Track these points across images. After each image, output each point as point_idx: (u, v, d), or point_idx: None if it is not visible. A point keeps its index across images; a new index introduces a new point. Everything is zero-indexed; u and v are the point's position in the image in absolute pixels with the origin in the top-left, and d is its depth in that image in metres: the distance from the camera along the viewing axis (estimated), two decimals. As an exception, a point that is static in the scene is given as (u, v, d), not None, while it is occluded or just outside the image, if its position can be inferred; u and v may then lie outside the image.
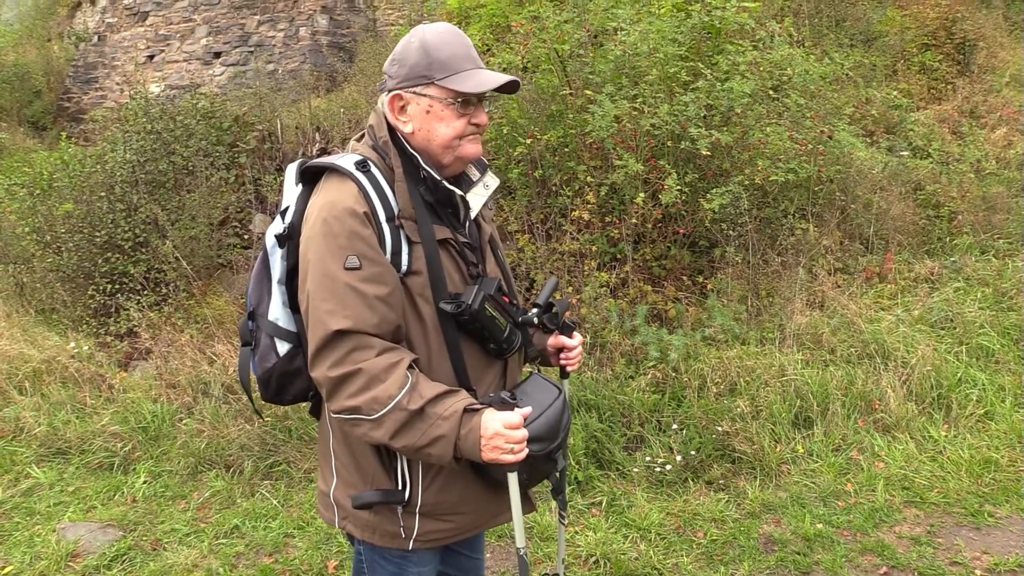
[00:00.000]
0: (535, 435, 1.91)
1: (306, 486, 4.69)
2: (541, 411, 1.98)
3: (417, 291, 1.92)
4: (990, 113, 9.09)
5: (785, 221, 6.03)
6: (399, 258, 1.90)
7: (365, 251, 1.85)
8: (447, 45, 1.96)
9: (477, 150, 2.03)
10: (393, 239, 1.90)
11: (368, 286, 1.83)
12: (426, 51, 1.96)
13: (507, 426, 1.80)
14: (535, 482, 2.08)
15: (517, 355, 2.15)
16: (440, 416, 1.80)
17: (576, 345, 2.30)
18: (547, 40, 6.31)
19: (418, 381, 1.83)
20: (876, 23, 10.28)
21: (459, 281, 1.98)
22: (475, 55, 1.99)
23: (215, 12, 13.22)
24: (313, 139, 7.90)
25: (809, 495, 4.38)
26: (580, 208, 5.64)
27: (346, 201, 1.87)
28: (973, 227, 6.93)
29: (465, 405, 1.82)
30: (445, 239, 1.98)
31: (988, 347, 5.46)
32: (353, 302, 1.82)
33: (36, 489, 4.86)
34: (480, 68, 1.97)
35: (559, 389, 2.08)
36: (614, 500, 4.38)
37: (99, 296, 6.60)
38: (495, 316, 1.96)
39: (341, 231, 1.85)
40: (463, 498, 2.01)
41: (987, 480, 4.44)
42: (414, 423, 1.80)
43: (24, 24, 20.57)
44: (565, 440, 2.09)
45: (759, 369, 5.00)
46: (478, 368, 2.02)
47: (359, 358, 1.81)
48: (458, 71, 1.94)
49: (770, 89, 6.23)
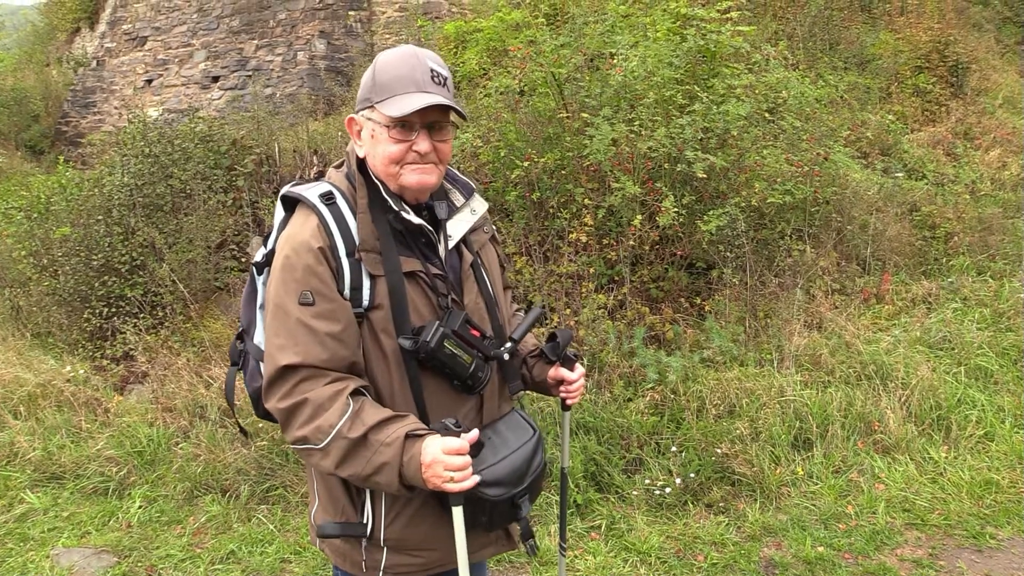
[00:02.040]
0: (495, 479, 1.87)
1: (303, 511, 4.65)
2: (507, 453, 1.93)
3: (380, 326, 1.87)
4: (984, 134, 9.17)
5: (782, 242, 6.05)
6: (359, 293, 1.85)
7: (319, 287, 1.82)
8: (393, 68, 1.89)
9: (425, 181, 1.91)
10: (352, 274, 1.85)
11: (319, 322, 1.80)
12: (374, 73, 1.92)
13: (447, 452, 1.71)
14: (498, 525, 1.98)
15: (497, 390, 2.07)
16: (383, 443, 1.75)
17: (576, 378, 2.20)
18: (544, 64, 6.36)
19: (361, 408, 1.78)
20: (869, 46, 10.38)
21: (428, 314, 1.91)
22: (422, 78, 1.87)
23: (213, 37, 13.31)
24: (311, 162, 7.92)
25: (810, 518, 4.35)
26: (578, 230, 5.65)
27: (304, 235, 1.85)
28: (970, 248, 6.96)
29: (407, 431, 1.76)
30: (413, 271, 1.91)
31: (987, 368, 5.46)
32: (304, 338, 1.80)
33: (30, 514, 4.81)
34: (422, 92, 1.85)
35: (534, 431, 2.03)
36: (614, 523, 4.34)
37: (95, 319, 6.57)
38: (456, 353, 1.86)
39: (298, 265, 1.83)
40: (433, 534, 1.95)
41: (988, 502, 4.42)
42: (358, 451, 1.76)
43: (23, 49, 20.73)
44: (536, 484, 2.00)
45: (758, 391, 4.99)
46: (446, 404, 1.95)
47: (306, 388, 1.79)
48: (395, 94, 1.85)
49: (765, 112, 6.27)
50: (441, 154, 1.93)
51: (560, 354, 2.16)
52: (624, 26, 6.74)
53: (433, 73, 1.88)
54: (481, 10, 10.55)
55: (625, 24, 6.80)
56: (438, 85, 1.88)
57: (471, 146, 6.26)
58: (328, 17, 12.23)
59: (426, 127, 1.89)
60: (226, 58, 13.02)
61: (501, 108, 6.71)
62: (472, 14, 10.58)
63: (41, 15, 21.04)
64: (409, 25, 11.29)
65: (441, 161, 1.94)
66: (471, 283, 2.04)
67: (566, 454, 2.50)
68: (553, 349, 2.16)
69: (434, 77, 1.87)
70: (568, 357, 2.18)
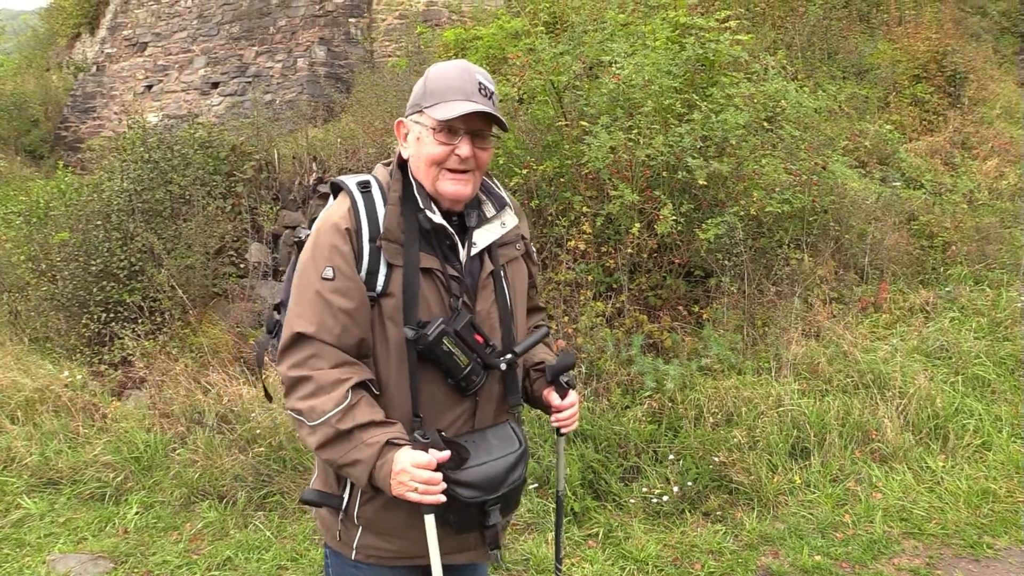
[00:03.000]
0: (469, 481, 1.93)
1: (300, 517, 4.65)
2: (488, 460, 1.98)
3: (388, 313, 1.97)
4: (981, 144, 9.18)
5: (780, 251, 6.06)
6: (374, 278, 1.96)
7: (340, 265, 1.94)
8: (443, 77, 2.01)
9: (459, 192, 2.01)
10: (371, 259, 1.96)
11: (336, 297, 1.93)
12: (425, 82, 2.04)
13: (414, 465, 1.82)
14: (466, 528, 2.02)
15: (496, 399, 2.11)
16: (364, 442, 1.87)
17: (566, 406, 2.19)
18: (543, 72, 6.37)
19: (357, 403, 1.90)
20: (868, 56, 10.41)
21: (437, 311, 1.99)
22: (470, 89, 1.98)
23: (213, 43, 13.34)
24: (310, 169, 7.94)
25: (807, 526, 4.35)
26: (576, 238, 5.66)
27: (335, 217, 1.99)
28: (967, 257, 6.97)
29: (389, 438, 1.87)
30: (430, 268, 1.99)
31: (984, 377, 5.47)
32: (320, 309, 1.93)
33: (26, 520, 4.80)
34: (468, 101, 1.96)
35: (520, 445, 2.06)
36: (611, 531, 4.34)
37: (93, 325, 6.58)
38: (453, 352, 1.93)
39: (324, 243, 1.97)
40: (408, 523, 2.02)
41: (985, 511, 4.42)
42: (340, 441, 1.88)
43: (23, 54, 20.76)
44: (511, 497, 2.04)
45: (756, 399, 4.99)
46: (440, 402, 2.02)
47: (315, 365, 1.92)
48: (444, 100, 1.97)
49: (764, 121, 6.29)
50: (480, 161, 2.03)
51: (553, 377, 2.18)
52: (623, 34, 6.76)
53: (481, 86, 2.00)
54: (481, 18, 10.58)
55: (624, 32, 6.82)
56: (484, 97, 1.99)
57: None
58: (328, 24, 12.26)
59: (469, 134, 1.99)
60: (226, 64, 13.04)
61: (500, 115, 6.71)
62: (472, 22, 10.61)
63: (42, 20, 21.10)
64: (409, 32, 11.31)
65: (479, 168, 2.04)
66: (488, 292, 2.09)
67: (561, 479, 2.48)
68: (550, 370, 2.18)
69: (481, 90, 1.99)
70: (561, 384, 2.18)
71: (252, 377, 5.74)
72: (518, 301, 2.19)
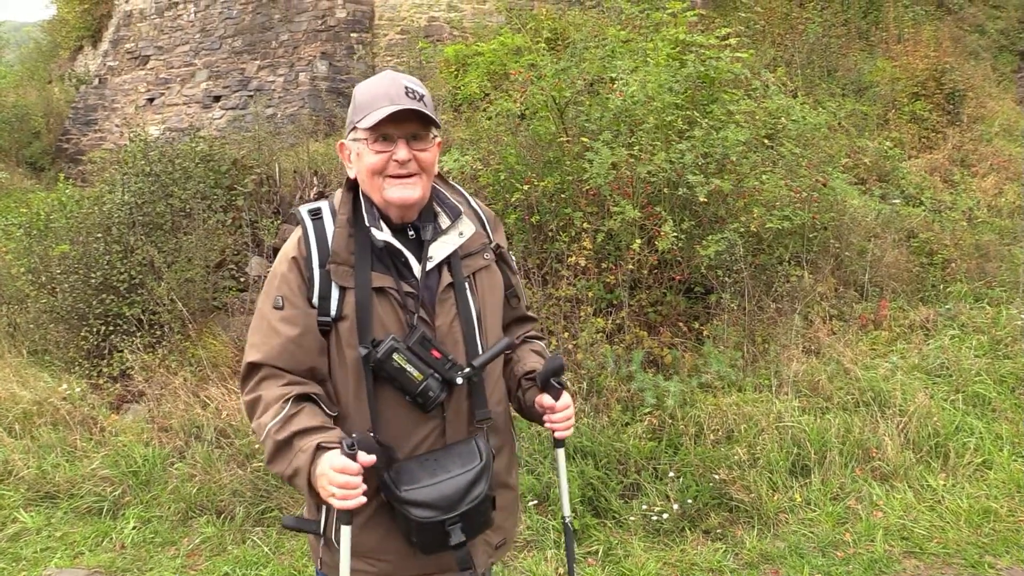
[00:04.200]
0: (422, 500, 1.91)
1: (297, 534, 4.62)
2: (443, 478, 1.94)
3: (344, 336, 1.98)
4: (981, 162, 9.22)
5: (780, 268, 6.06)
6: (328, 303, 1.98)
7: (288, 294, 1.99)
8: (369, 89, 2.02)
9: (406, 196, 1.99)
10: (321, 284, 1.98)
11: (282, 326, 1.97)
12: (354, 99, 2.06)
13: (332, 468, 1.80)
14: (430, 549, 1.97)
15: (466, 414, 2.07)
16: (300, 449, 1.87)
17: (560, 407, 2.11)
18: (544, 88, 6.40)
19: (296, 413, 1.91)
20: (867, 73, 10.48)
21: (395, 329, 1.98)
22: (395, 93, 1.96)
23: (216, 57, 13.39)
24: (311, 183, 7.95)
25: (807, 545, 4.33)
26: (576, 254, 5.66)
27: (287, 247, 2.06)
28: (967, 275, 6.98)
29: (319, 442, 1.86)
30: (383, 287, 1.99)
31: (985, 395, 5.45)
32: (269, 339, 1.98)
33: (23, 534, 4.77)
34: (392, 104, 1.94)
35: (480, 461, 1.99)
36: (610, 549, 4.32)
37: (93, 337, 6.56)
38: (405, 368, 1.92)
39: (276, 273, 2.04)
40: (384, 544, 2.01)
41: (987, 530, 4.40)
42: (282, 452, 1.90)
43: (26, 66, 20.82)
44: (473, 516, 1.96)
45: (756, 416, 4.98)
46: (404, 422, 2.00)
47: (263, 387, 1.98)
48: (372, 109, 1.96)
49: (764, 138, 6.31)
50: (422, 163, 2.01)
51: (543, 382, 2.11)
52: (624, 51, 6.79)
53: (407, 90, 1.98)
54: (482, 34, 10.64)
55: (625, 49, 6.86)
56: (413, 99, 1.97)
57: (471, 169, 6.29)
58: (330, 39, 12.31)
59: (404, 138, 1.98)
60: (228, 78, 13.08)
61: (501, 131, 6.74)
62: (473, 37, 10.67)
63: (44, 32, 21.18)
64: (411, 47, 11.37)
65: (424, 171, 2.02)
66: (448, 305, 2.06)
67: (565, 502, 2.34)
68: (539, 375, 2.13)
69: (408, 93, 1.98)
70: (552, 385, 2.10)
71: None
72: (488, 312, 2.14)
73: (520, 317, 2.35)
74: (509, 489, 2.27)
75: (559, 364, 2.11)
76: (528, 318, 2.39)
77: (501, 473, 2.20)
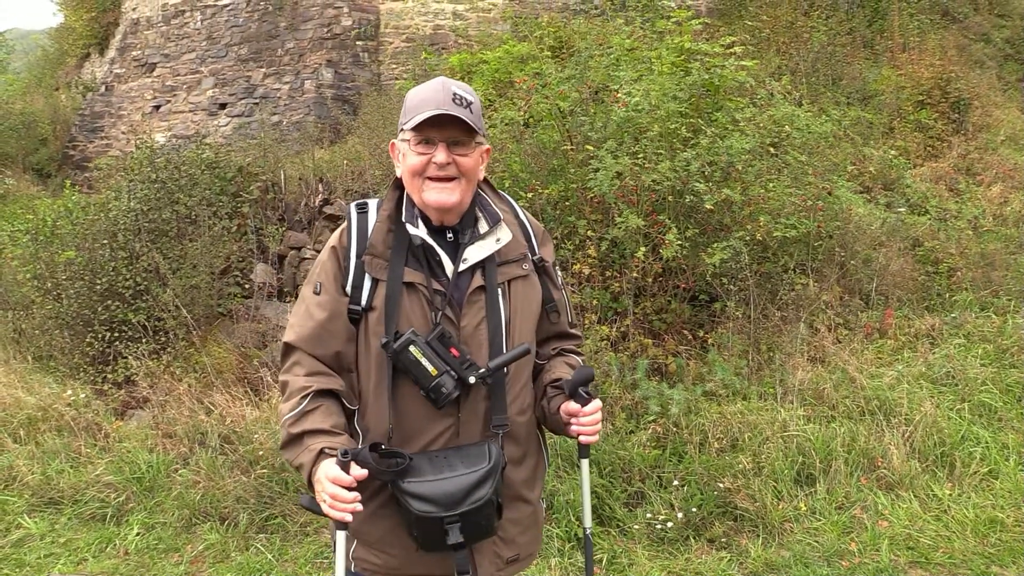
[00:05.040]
0: (424, 495, 1.94)
1: (302, 540, 4.62)
2: (449, 475, 1.95)
3: (372, 326, 2.06)
4: (986, 170, 9.19)
5: (785, 276, 6.05)
6: (359, 292, 2.08)
7: (325, 281, 2.11)
8: (419, 94, 2.09)
9: (443, 200, 2.06)
10: (355, 274, 2.08)
11: (316, 310, 2.09)
12: (405, 102, 2.14)
13: (327, 478, 1.89)
14: (430, 547, 1.98)
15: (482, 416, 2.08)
16: (307, 448, 1.99)
17: (588, 411, 2.08)
18: (549, 96, 6.41)
19: (312, 410, 2.02)
20: (872, 82, 10.47)
21: (421, 325, 2.04)
22: (442, 99, 2.02)
23: (222, 64, 13.44)
24: (316, 190, 7.97)
25: (812, 554, 4.31)
26: (581, 262, 5.66)
27: (333, 237, 2.16)
28: (972, 283, 6.95)
29: (323, 447, 1.96)
30: (414, 282, 2.05)
31: (990, 404, 5.43)
32: (304, 322, 2.10)
33: (27, 540, 4.78)
34: (436, 109, 2.01)
35: (489, 463, 1.97)
36: (615, 558, 4.30)
37: (98, 344, 6.57)
38: (420, 361, 1.97)
39: (319, 261, 2.16)
40: (391, 536, 2.06)
41: (993, 540, 4.38)
42: (292, 444, 2.03)
43: (32, 73, 20.93)
44: (474, 518, 1.95)
45: (761, 425, 4.96)
46: (418, 417, 2.05)
47: (294, 371, 2.09)
48: (418, 113, 2.03)
49: (769, 146, 6.31)
50: (462, 168, 2.07)
51: (572, 390, 2.10)
52: (629, 60, 6.80)
53: (456, 96, 2.04)
54: (487, 42, 10.66)
55: (630, 58, 6.87)
56: (459, 106, 2.03)
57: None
58: (336, 47, 12.35)
59: (445, 142, 2.05)
60: (234, 85, 13.13)
61: (506, 139, 6.75)
62: (478, 46, 10.69)
63: (51, 40, 21.29)
64: (416, 56, 11.40)
65: (464, 175, 2.08)
66: (476, 308, 2.09)
67: (587, 513, 2.32)
68: (568, 383, 2.12)
69: (455, 99, 2.03)
70: (581, 394, 2.08)
71: (255, 398, 5.75)
72: (518, 320, 2.14)
73: (561, 333, 2.35)
74: (527, 503, 2.23)
75: (589, 374, 2.13)
76: (570, 335, 2.37)
77: (517, 485, 2.18)
